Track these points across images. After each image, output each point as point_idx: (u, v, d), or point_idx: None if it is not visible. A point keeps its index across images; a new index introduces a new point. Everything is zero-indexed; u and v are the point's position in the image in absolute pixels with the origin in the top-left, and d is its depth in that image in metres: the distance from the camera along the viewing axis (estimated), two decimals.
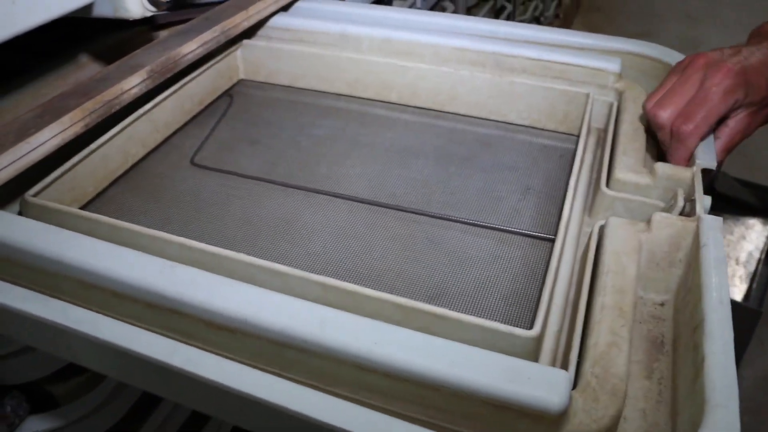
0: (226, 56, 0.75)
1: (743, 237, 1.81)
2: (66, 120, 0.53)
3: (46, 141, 0.52)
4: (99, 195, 0.61)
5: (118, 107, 0.58)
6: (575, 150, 0.64)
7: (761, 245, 1.78)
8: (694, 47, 3.00)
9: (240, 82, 0.79)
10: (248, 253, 0.53)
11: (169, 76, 0.63)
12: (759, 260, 1.75)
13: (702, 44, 2.98)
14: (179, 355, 0.37)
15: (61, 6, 0.52)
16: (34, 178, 0.53)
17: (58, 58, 0.70)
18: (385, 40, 0.72)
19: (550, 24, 2.79)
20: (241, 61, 0.78)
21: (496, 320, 0.47)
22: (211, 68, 0.73)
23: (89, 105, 0.55)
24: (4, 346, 0.63)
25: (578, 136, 0.60)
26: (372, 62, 0.72)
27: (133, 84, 0.59)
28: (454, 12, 1.45)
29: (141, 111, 0.63)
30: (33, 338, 0.45)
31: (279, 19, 0.77)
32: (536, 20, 2.47)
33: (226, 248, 0.53)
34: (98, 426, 0.72)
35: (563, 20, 3.03)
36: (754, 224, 1.83)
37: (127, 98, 0.58)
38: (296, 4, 0.82)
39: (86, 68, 0.71)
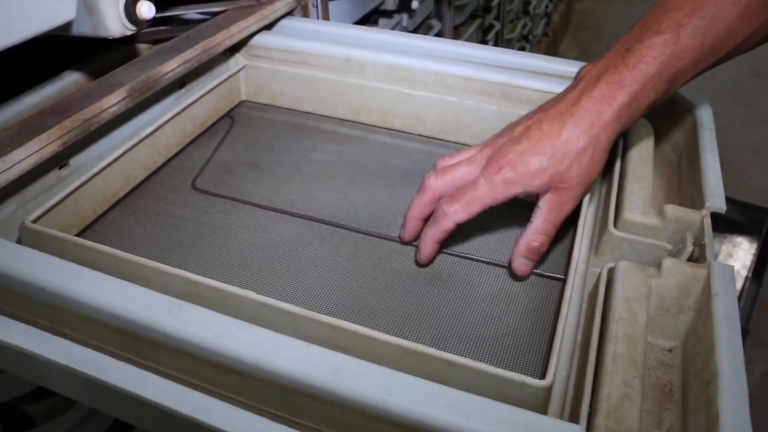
0: (228, 78, 0.74)
1: (730, 255, 1.83)
2: (44, 138, 0.52)
3: (23, 159, 0.51)
4: (99, 218, 0.60)
5: (97, 125, 0.57)
6: None
7: (748, 263, 1.80)
8: None
9: (241, 103, 0.78)
10: (251, 286, 0.52)
11: (149, 94, 0.62)
12: (746, 278, 1.76)
13: None
14: (188, 402, 0.36)
15: (39, 24, 0.52)
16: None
17: (48, 76, 0.69)
18: (390, 66, 0.71)
19: (538, 42, 2.81)
20: (244, 82, 0.77)
21: (502, 361, 0.47)
22: (213, 90, 0.72)
23: (68, 123, 0.54)
24: None
25: None
26: (376, 88, 0.72)
27: (112, 102, 0.58)
28: (441, 30, 1.45)
29: (143, 134, 0.62)
30: (38, 376, 0.44)
31: (279, 40, 0.76)
32: (525, 39, 2.48)
33: (229, 279, 0.53)
34: None
35: (552, 39, 3.04)
36: (741, 242, 1.85)
37: (106, 116, 0.58)
38: (280, 23, 0.82)
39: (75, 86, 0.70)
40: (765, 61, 3.00)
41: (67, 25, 0.54)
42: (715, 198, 0.53)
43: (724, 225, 1.90)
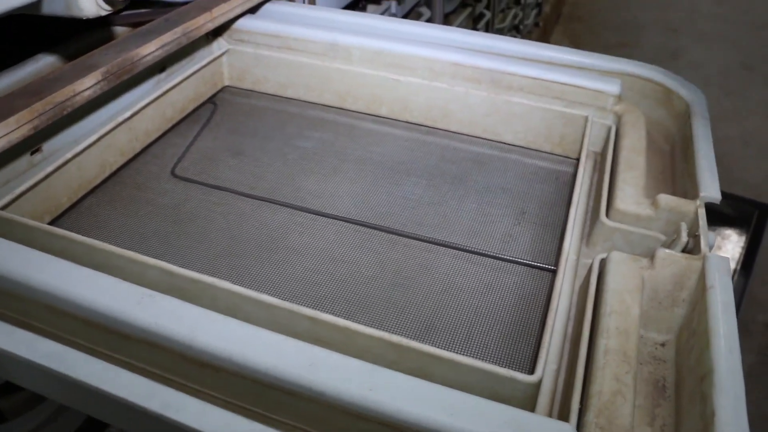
0: (211, 62, 0.72)
1: (719, 247, 1.82)
2: (12, 121, 0.50)
3: None
4: (74, 206, 0.58)
5: (70, 109, 0.55)
6: (572, 174, 0.62)
7: (737, 255, 1.79)
8: (674, 58, 3.01)
9: (224, 88, 0.76)
10: (231, 276, 0.50)
11: (126, 78, 0.59)
12: (735, 270, 1.76)
13: (681, 55, 2.99)
14: (158, 399, 0.34)
15: (4, 2, 0.49)
16: None
17: (21, 59, 0.66)
18: (377, 52, 0.69)
19: (529, 33, 2.78)
20: (227, 67, 0.75)
21: (491, 355, 0.46)
22: (195, 74, 0.69)
23: (39, 106, 0.52)
24: None
25: (577, 161, 0.58)
26: (362, 74, 0.70)
27: (86, 86, 0.56)
28: (431, 18, 1.43)
29: (120, 119, 0.60)
30: (1, 370, 0.42)
31: (264, 25, 0.74)
32: (515, 29, 2.45)
33: (208, 269, 0.51)
34: None
35: (543, 29, 3.02)
36: (730, 235, 1.84)
37: (80, 100, 0.55)
38: (265, 6, 0.80)
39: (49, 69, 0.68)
40: (754, 53, 3.00)
41: (37, 4, 0.52)
42: (710, 188, 0.51)
43: (713, 217, 1.89)
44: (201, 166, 0.64)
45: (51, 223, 0.55)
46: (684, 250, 0.49)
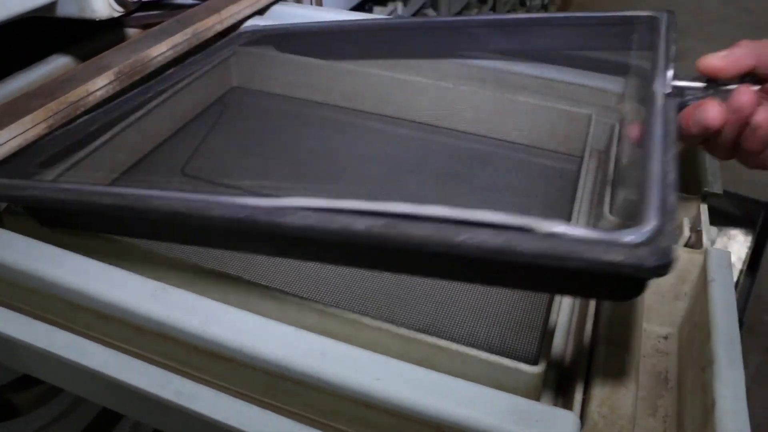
0: (220, 63, 0.73)
1: (725, 247, 1.81)
2: (27, 121, 0.51)
3: (6, 142, 0.50)
4: None
5: (83, 109, 0.56)
6: (576, 172, 0.63)
7: (743, 256, 1.79)
8: (681, 58, 3.03)
9: (233, 89, 0.77)
10: (242, 272, 0.51)
11: (137, 78, 0.61)
12: (741, 271, 1.75)
13: (688, 55, 3.00)
14: (171, 387, 0.35)
15: (20, 4, 0.50)
16: None
17: (35, 60, 0.67)
18: None
19: None
20: (235, 68, 0.76)
21: (495, 348, 0.47)
22: (204, 75, 0.71)
23: (53, 105, 0.53)
24: None
25: (581, 159, 0.59)
26: (369, 74, 0.71)
27: (99, 85, 0.57)
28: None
29: (131, 119, 0.61)
30: (19, 362, 0.43)
31: (273, 26, 0.75)
32: None
33: (218, 265, 0.52)
34: None
35: None
36: (737, 235, 1.83)
37: (93, 100, 0.56)
38: (273, 8, 0.81)
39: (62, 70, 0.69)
40: None
41: (52, 6, 0.53)
42: (711, 183, 0.52)
43: (719, 217, 1.88)
44: (211, 165, 0.65)
45: None
46: (686, 245, 0.49)
